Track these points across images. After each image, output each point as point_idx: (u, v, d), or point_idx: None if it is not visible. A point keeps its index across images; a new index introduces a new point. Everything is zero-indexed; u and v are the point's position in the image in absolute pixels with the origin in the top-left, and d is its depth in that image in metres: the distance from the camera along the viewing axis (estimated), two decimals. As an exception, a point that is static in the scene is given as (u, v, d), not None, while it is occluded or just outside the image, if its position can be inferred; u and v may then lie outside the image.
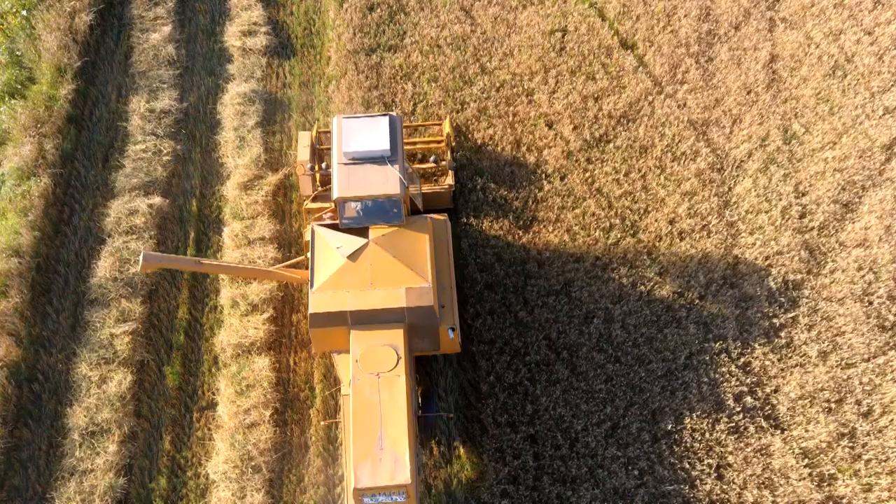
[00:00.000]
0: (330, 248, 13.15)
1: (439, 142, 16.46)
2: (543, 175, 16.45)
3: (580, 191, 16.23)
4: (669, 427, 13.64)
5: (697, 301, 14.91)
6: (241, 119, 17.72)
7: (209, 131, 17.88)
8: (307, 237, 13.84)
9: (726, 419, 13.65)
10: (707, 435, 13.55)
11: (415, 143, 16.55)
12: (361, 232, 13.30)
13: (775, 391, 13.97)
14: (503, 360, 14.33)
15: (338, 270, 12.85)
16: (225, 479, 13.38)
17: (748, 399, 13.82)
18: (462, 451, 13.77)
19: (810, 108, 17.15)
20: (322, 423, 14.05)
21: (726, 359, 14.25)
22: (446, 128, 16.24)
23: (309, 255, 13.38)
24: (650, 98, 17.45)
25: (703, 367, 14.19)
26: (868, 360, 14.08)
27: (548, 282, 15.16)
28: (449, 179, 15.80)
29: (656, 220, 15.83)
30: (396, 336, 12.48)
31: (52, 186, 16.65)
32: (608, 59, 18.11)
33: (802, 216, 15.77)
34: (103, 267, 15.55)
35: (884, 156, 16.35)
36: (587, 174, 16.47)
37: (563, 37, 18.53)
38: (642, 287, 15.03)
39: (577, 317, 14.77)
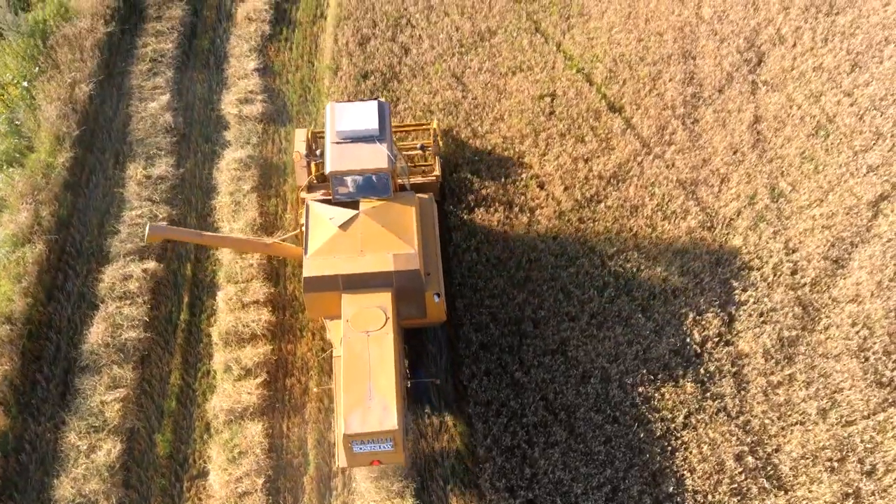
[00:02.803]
0: (323, 220, 14.09)
1: (426, 130, 17.45)
2: (536, 234, 16.61)
3: (573, 249, 16.36)
4: (671, 489, 13.37)
5: (694, 359, 14.85)
6: (237, 184, 17.92)
7: (205, 196, 18.07)
8: (302, 219, 14.82)
9: (728, 480, 13.41)
10: (709, 497, 13.28)
11: (406, 128, 17.71)
12: (353, 205, 14.27)
13: (776, 450, 13.78)
14: (500, 422, 14.14)
15: (330, 238, 13.76)
16: (215, 552, 12.97)
17: (749, 459, 13.61)
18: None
19: (796, 167, 17.52)
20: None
21: (725, 417, 14.10)
22: (433, 125, 17.24)
23: (303, 227, 14.29)
24: (639, 159, 17.80)
25: (702, 426, 14.02)
26: (868, 416, 13.95)
27: (543, 341, 15.11)
28: (436, 170, 16.50)
29: (650, 279, 15.91)
30: (385, 299, 13.27)
31: (46, 253, 16.67)
32: (597, 122, 18.56)
33: (794, 273, 15.89)
34: (95, 333, 15.41)
35: (870, 212, 16.62)
36: (580, 233, 16.64)
37: (552, 101, 19.03)
38: (638, 345, 14.99)
39: (573, 377, 14.66)
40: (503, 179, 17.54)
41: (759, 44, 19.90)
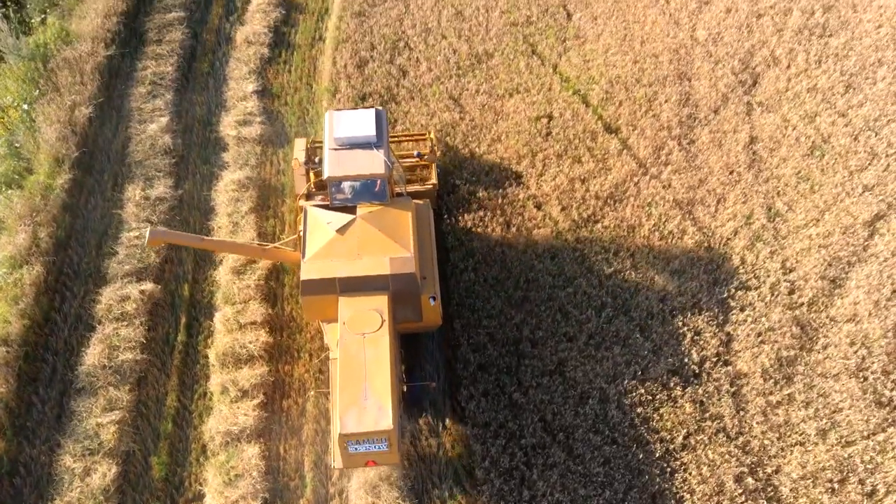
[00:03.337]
0: (321, 225, 14.24)
1: (423, 138, 17.68)
2: (534, 254, 16.63)
3: (571, 270, 16.37)
4: (671, 511, 13.27)
5: (692, 379, 14.80)
6: (235, 205, 17.96)
7: (203, 217, 18.10)
8: (300, 226, 14.94)
9: (728, 502, 13.30)
10: (710, 519, 13.17)
11: (400, 139, 17.85)
12: (350, 210, 14.46)
13: (776, 471, 13.68)
14: (498, 443, 14.04)
15: (328, 242, 13.90)
16: (210, 577, 12.82)
17: (749, 480, 13.51)
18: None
19: (792, 187, 17.60)
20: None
21: (724, 438, 14.02)
22: (430, 135, 17.47)
23: (301, 233, 14.45)
24: (635, 179, 17.89)
25: (701, 447, 13.93)
26: (868, 437, 13.88)
27: (541, 362, 15.06)
28: (433, 178, 16.65)
29: (647, 299, 15.91)
30: (381, 302, 13.41)
31: (44, 274, 16.65)
32: (593, 143, 18.67)
33: (791, 292, 15.90)
34: (92, 354, 15.35)
35: (866, 232, 16.66)
36: (577, 253, 16.66)
37: (548, 122, 19.16)
38: (636, 366, 14.94)
39: (572, 397, 14.60)
40: (500, 200, 17.59)
41: (753, 65, 20.09)
